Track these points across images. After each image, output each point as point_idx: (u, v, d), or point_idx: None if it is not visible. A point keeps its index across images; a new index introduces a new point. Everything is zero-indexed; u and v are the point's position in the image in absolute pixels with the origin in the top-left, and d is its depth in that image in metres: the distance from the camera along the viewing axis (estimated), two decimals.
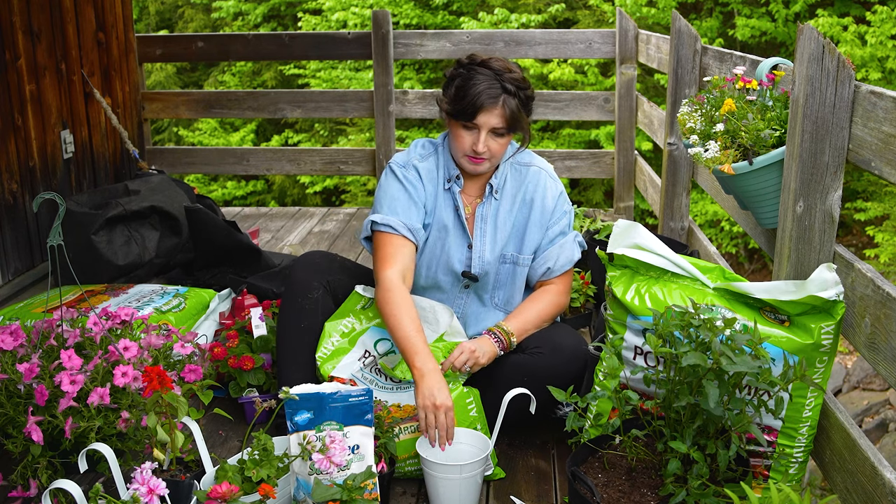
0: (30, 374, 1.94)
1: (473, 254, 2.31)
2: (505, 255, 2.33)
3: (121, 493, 1.79)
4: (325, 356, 2.25)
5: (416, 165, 2.31)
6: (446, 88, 2.25)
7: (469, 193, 2.34)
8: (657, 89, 8.16)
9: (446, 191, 2.31)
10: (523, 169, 2.35)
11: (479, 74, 2.17)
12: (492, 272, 2.33)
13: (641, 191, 4.67)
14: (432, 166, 2.32)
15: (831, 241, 1.85)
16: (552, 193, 2.34)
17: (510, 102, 2.16)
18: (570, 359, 2.18)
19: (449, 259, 2.31)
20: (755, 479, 1.89)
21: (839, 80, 1.74)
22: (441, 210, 2.31)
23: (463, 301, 2.39)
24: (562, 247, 2.34)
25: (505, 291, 2.38)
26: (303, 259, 2.40)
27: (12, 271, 3.72)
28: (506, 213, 2.32)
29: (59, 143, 4.06)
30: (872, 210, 7.25)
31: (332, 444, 1.75)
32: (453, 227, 2.31)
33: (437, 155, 2.34)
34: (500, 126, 2.17)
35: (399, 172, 2.30)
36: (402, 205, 2.25)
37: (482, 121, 2.16)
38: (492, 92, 2.14)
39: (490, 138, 2.19)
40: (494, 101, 2.15)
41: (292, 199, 9.43)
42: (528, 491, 2.13)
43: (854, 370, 6.18)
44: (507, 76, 2.17)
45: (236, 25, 10.14)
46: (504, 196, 2.33)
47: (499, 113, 2.16)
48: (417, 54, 4.98)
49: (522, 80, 2.21)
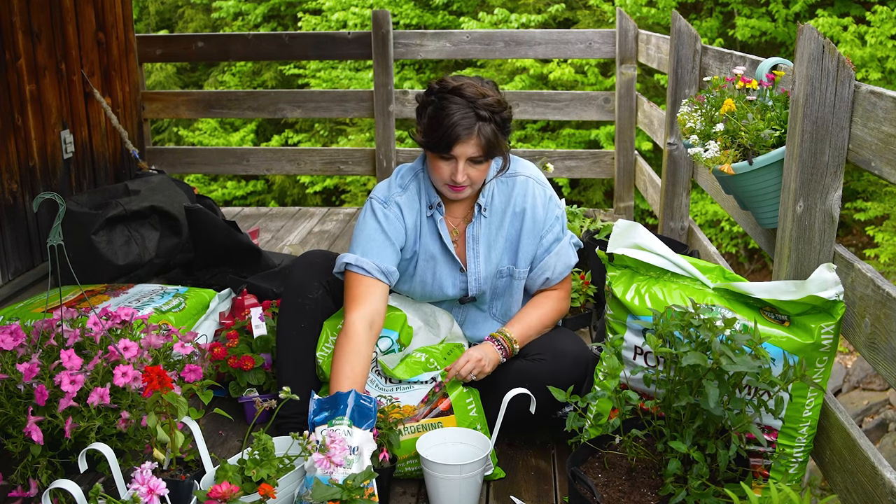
0: (30, 374, 1.94)
1: (469, 276, 2.29)
2: (501, 270, 2.30)
3: (121, 493, 1.79)
4: (325, 355, 2.25)
5: (396, 202, 2.25)
6: (419, 117, 2.18)
7: (455, 216, 2.29)
8: (657, 89, 8.16)
9: (429, 218, 2.27)
10: (509, 181, 2.28)
11: (451, 104, 2.08)
12: (489, 287, 2.32)
13: (641, 191, 4.67)
14: (413, 196, 2.26)
15: (831, 241, 1.85)
16: (541, 201, 2.28)
17: (485, 130, 2.07)
18: (571, 364, 2.16)
19: (441, 286, 2.29)
20: (755, 479, 1.89)
21: (839, 80, 1.74)
22: (426, 238, 2.26)
23: (461, 314, 2.39)
24: (558, 254, 2.30)
25: (503, 303, 2.37)
26: (302, 259, 2.39)
27: (12, 271, 3.72)
28: (496, 228, 2.28)
29: (59, 143, 4.06)
30: (872, 210, 7.25)
31: (332, 444, 1.75)
32: (440, 255, 2.28)
33: (418, 182, 2.28)
34: (478, 155, 2.10)
35: (378, 210, 2.24)
36: (376, 245, 2.20)
37: (459, 152, 2.09)
38: (466, 123, 2.06)
39: (469, 166, 2.12)
40: (469, 131, 2.06)
41: (292, 199, 9.43)
42: (528, 491, 2.13)
43: (854, 370, 6.18)
44: (481, 102, 2.08)
45: (236, 25, 10.14)
46: (493, 212, 2.27)
47: (475, 143, 2.08)
48: (417, 54, 4.98)
49: (497, 103, 2.11)
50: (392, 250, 2.22)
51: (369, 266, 2.17)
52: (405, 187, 2.27)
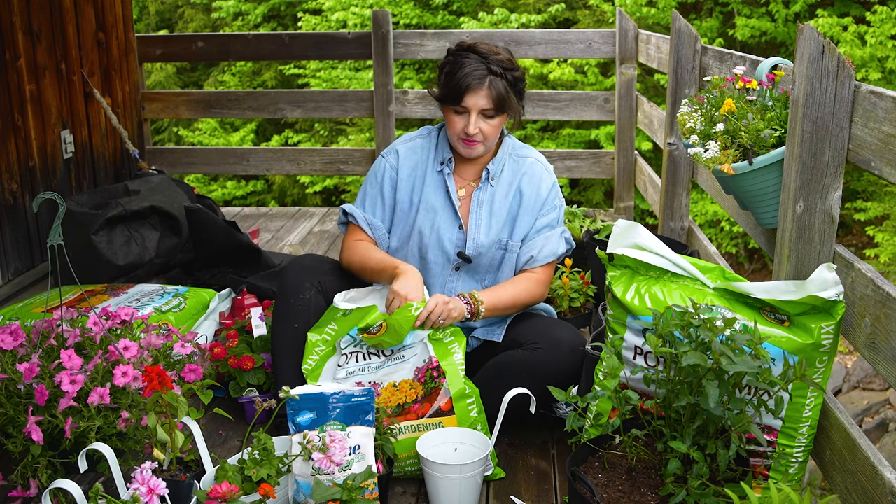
0: (30, 374, 1.94)
1: (468, 235, 2.35)
2: (501, 241, 2.37)
3: (121, 493, 1.79)
4: (310, 368, 2.23)
5: (397, 149, 2.42)
6: (438, 77, 2.33)
7: (463, 176, 2.41)
8: (657, 89, 8.16)
9: (438, 172, 2.37)
10: (521, 160, 2.41)
11: (465, 59, 2.24)
12: (486, 255, 2.37)
13: (641, 191, 4.67)
14: (419, 147, 2.41)
15: (831, 241, 1.85)
16: (546, 184, 2.39)
17: (497, 83, 2.22)
18: (567, 353, 2.20)
19: (440, 239, 2.35)
20: (755, 479, 1.89)
21: (839, 80, 1.74)
22: (430, 191, 2.37)
23: (454, 284, 2.40)
24: (547, 238, 2.37)
25: (495, 276, 2.40)
26: (294, 262, 2.45)
27: (12, 271, 3.72)
28: (501, 199, 2.37)
29: (59, 143, 4.06)
30: (872, 210, 7.25)
31: (332, 444, 1.75)
32: (442, 209, 2.36)
33: (432, 138, 2.43)
34: (489, 107, 2.23)
35: (378, 163, 2.43)
36: (370, 199, 2.42)
37: (470, 103, 2.22)
38: (477, 74, 2.21)
39: (481, 120, 2.25)
40: (480, 82, 2.21)
41: (292, 199, 9.42)
42: (528, 491, 2.13)
43: (854, 370, 6.18)
44: (493, 58, 2.23)
45: (236, 25, 10.13)
46: (500, 183, 2.38)
47: (486, 94, 2.22)
48: (417, 54, 4.98)
49: (509, 61, 2.27)
50: (381, 203, 2.41)
51: (359, 217, 2.41)
52: (414, 138, 2.45)
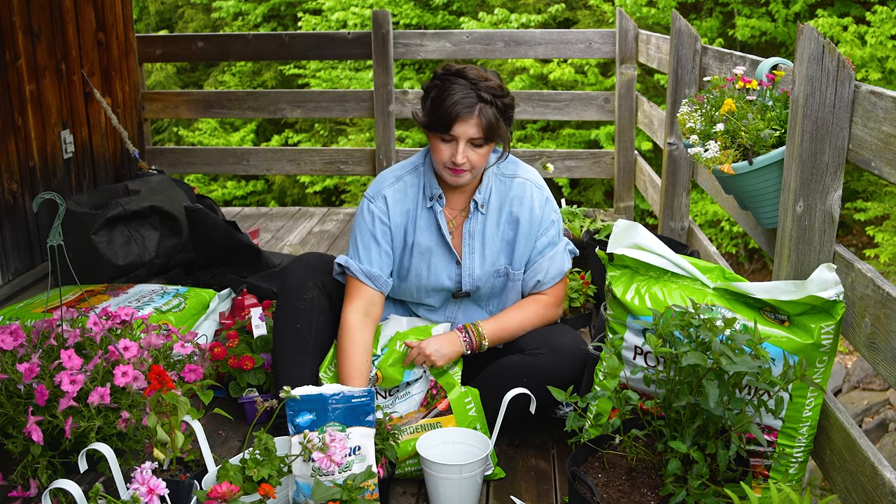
0: (30, 374, 1.94)
1: (463, 271, 2.29)
2: (498, 269, 2.30)
3: (121, 493, 1.79)
4: (329, 377, 2.26)
5: (384, 194, 2.28)
6: (423, 101, 2.20)
7: (453, 208, 2.31)
8: (657, 89, 8.16)
9: (428, 209, 2.28)
10: (508, 181, 2.29)
11: (454, 85, 2.11)
12: (485, 286, 2.32)
13: (641, 191, 4.67)
14: (406, 187, 2.28)
15: (831, 241, 1.85)
16: (538, 203, 2.29)
17: (486, 111, 2.10)
18: (569, 358, 2.18)
19: (438, 279, 2.29)
20: (755, 479, 1.89)
21: (839, 80, 1.74)
22: (422, 231, 2.28)
23: (455, 313, 2.38)
24: (552, 258, 2.31)
25: (499, 301, 2.37)
26: (296, 261, 2.42)
27: (12, 271, 3.72)
28: (493, 227, 2.29)
29: (59, 143, 4.06)
30: (872, 210, 7.25)
31: (332, 443, 1.75)
32: (437, 247, 2.28)
33: (418, 174, 2.29)
34: (478, 136, 2.11)
35: (366, 209, 2.28)
36: (363, 249, 2.27)
37: (459, 131, 2.11)
38: (467, 102, 2.09)
39: (469, 149, 2.13)
40: (470, 110, 2.09)
41: (292, 199, 9.42)
42: (528, 491, 2.13)
43: (854, 370, 6.18)
44: (483, 85, 2.11)
45: (236, 25, 10.13)
46: (490, 210, 2.28)
47: (475, 122, 2.10)
48: (417, 54, 4.98)
49: (499, 87, 2.14)
50: (377, 251, 2.27)
51: (356, 270, 2.26)
52: (399, 178, 2.30)
